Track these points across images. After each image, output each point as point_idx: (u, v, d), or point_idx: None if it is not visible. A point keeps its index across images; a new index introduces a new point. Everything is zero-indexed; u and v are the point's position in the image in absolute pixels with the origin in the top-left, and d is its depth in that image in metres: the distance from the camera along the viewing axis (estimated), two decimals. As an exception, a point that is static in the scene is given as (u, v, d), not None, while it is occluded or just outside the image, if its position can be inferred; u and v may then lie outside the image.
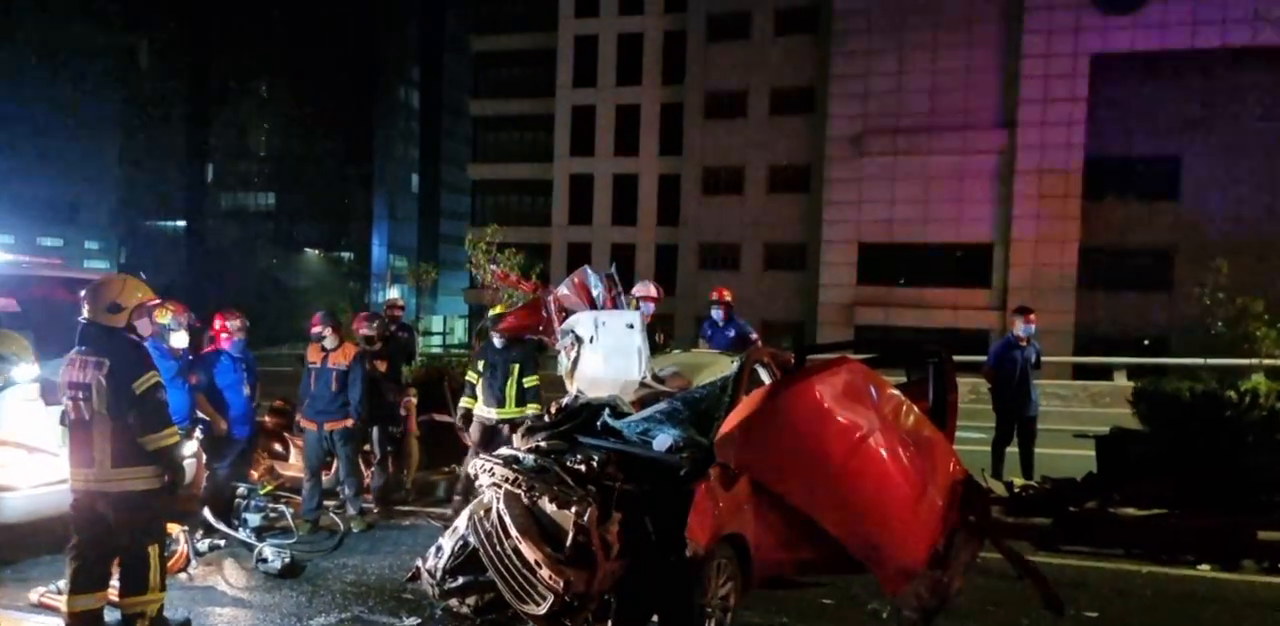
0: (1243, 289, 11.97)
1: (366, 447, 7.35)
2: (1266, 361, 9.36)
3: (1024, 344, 8.09)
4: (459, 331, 56.73)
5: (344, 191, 62.22)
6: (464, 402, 7.14)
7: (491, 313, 7.29)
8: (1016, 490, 7.38)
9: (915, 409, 4.69)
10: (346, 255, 63.53)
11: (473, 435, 7.01)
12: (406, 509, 7.37)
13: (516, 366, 6.90)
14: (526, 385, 6.91)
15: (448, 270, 47.11)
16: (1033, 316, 8.20)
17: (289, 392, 7.89)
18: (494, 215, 33.41)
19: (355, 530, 6.59)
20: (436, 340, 55.25)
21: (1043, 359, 8.40)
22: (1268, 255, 22.51)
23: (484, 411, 6.98)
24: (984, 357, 8.72)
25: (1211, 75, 25.57)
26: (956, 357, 5.78)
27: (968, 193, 27.99)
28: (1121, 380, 16.13)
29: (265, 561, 5.55)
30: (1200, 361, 13.31)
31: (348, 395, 6.71)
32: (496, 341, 6.95)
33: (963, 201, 28.10)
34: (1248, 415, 7.07)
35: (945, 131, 27.79)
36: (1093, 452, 7.66)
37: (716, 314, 8.65)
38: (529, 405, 6.87)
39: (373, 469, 7.39)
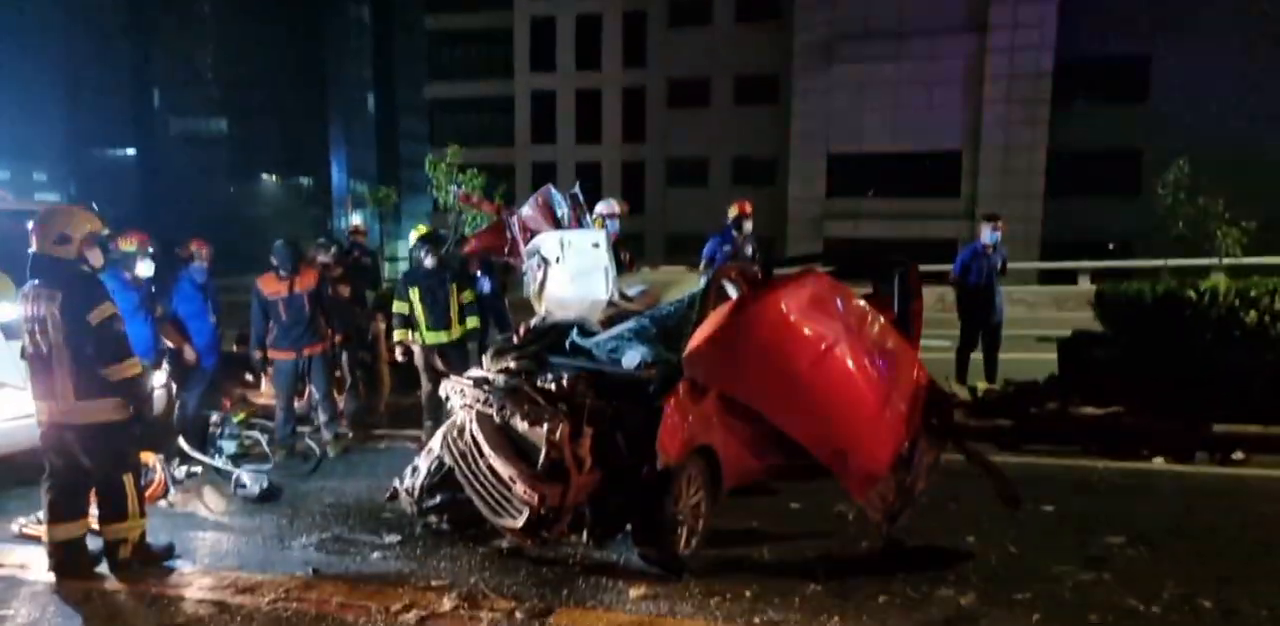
0: (1209, 191, 12.03)
1: (337, 373, 7.34)
2: (1226, 261, 9.50)
3: (990, 251, 8.16)
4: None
5: (299, 115, 59.95)
6: (397, 334, 6.99)
7: (415, 234, 7.15)
8: (980, 394, 7.59)
9: (880, 318, 4.74)
10: (305, 181, 61.83)
11: (419, 363, 6.95)
12: (380, 432, 7.45)
13: (455, 285, 6.87)
14: (465, 301, 6.91)
15: (410, 194, 46.17)
16: (999, 223, 8.24)
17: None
18: (454, 136, 32.54)
19: (331, 454, 6.67)
20: (403, 266, 54.61)
21: (1008, 265, 8.49)
22: (1236, 157, 22.61)
23: (428, 337, 6.88)
24: (947, 267, 8.80)
25: (1182, -27, 25.03)
26: (926, 267, 5.81)
27: (937, 100, 27.60)
28: (1086, 284, 16.40)
29: (244, 487, 5.62)
30: (1161, 263, 13.54)
31: (320, 318, 6.68)
32: (428, 262, 6.90)
33: (932, 108, 27.74)
34: (1207, 314, 7.23)
35: (914, 37, 27.15)
36: (1055, 356, 7.85)
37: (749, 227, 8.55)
38: (469, 320, 6.91)
39: (345, 394, 7.41)
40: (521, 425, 4.15)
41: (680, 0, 30.59)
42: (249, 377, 7.98)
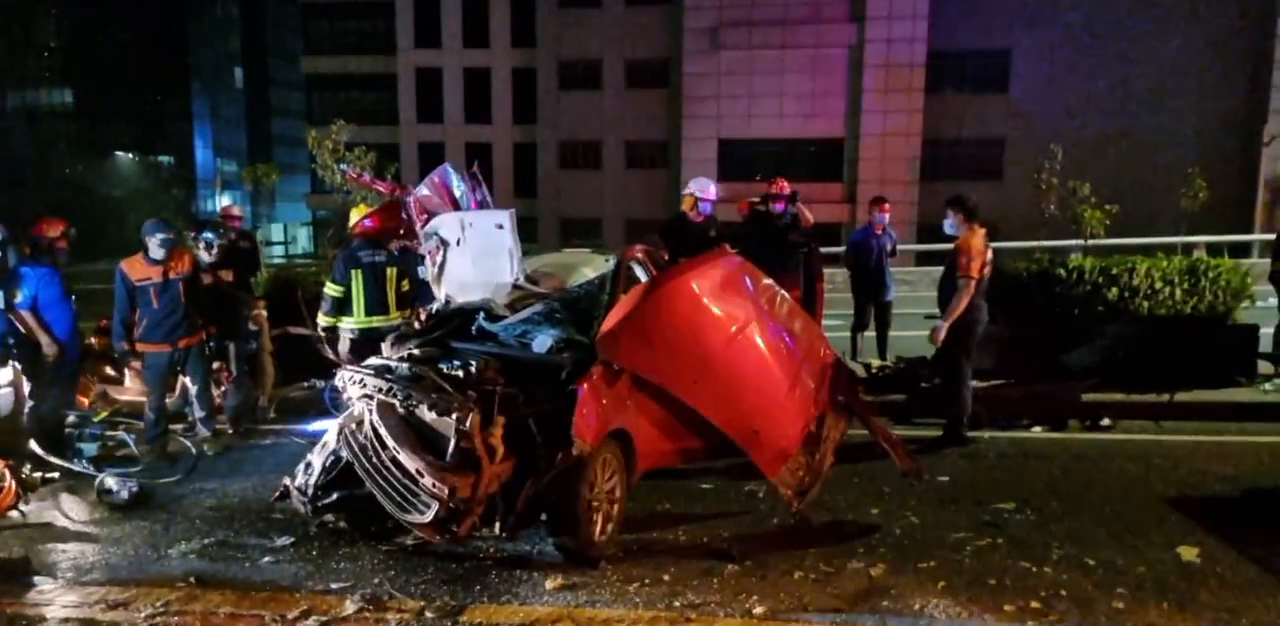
0: (1066, 175, 12.83)
1: (217, 365, 6.84)
2: (1091, 242, 10.18)
3: (880, 232, 8.38)
4: (302, 240, 53.60)
5: (156, 88, 55.69)
6: (324, 320, 6.56)
7: (355, 215, 6.72)
8: (874, 370, 7.81)
9: (788, 298, 4.76)
10: (165, 159, 57.65)
11: (343, 352, 6.50)
12: (265, 428, 7.00)
13: (393, 270, 6.46)
14: (405, 288, 6.51)
15: (286, 175, 43.85)
16: (887, 205, 8.47)
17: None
18: (333, 113, 31.09)
19: (209, 453, 6.20)
20: (278, 251, 52.04)
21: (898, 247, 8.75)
22: (1087, 143, 24.21)
23: (365, 322, 6.45)
24: (838, 250, 9.00)
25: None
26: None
27: (821, 87, 28.39)
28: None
29: (110, 492, 5.13)
30: (1033, 244, 14.39)
31: (194, 307, 6.15)
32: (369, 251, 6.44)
33: (816, 96, 28.51)
34: (1074, 290, 7.68)
35: (799, 25, 27.78)
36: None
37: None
38: (405, 310, 6.50)
39: (224, 388, 6.92)
40: (429, 415, 3.94)
41: (568, -20, 30.17)
42: (110, 372, 7.34)
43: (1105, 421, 6.69)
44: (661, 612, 3.59)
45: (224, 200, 42.26)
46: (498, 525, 4.01)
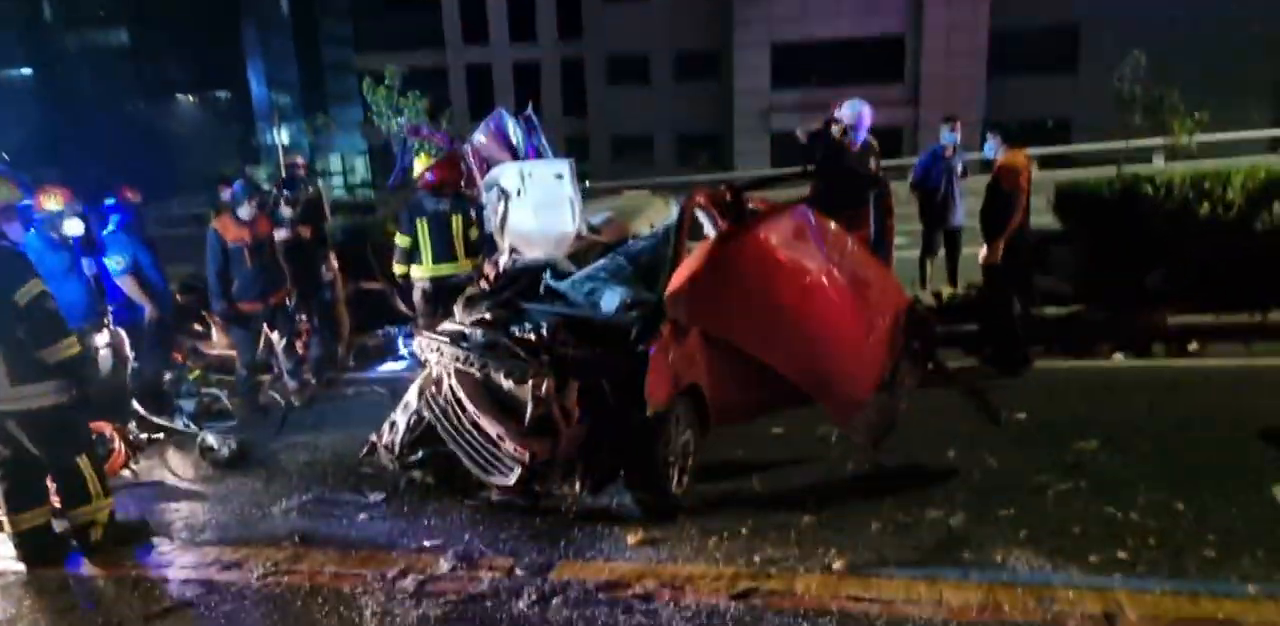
0: (1150, 77, 11.94)
1: (301, 318, 7.07)
2: (1179, 143, 9.56)
3: (949, 154, 7.98)
4: (360, 169, 53.92)
5: (207, 22, 55.49)
6: (398, 268, 6.59)
7: (419, 165, 6.65)
8: (945, 299, 7.63)
9: (859, 244, 4.62)
10: (222, 95, 58.00)
11: (416, 301, 6.57)
12: (347, 377, 7.25)
13: (459, 217, 6.38)
14: (473, 236, 6.45)
15: (338, 105, 43.85)
16: (958, 123, 8.04)
17: (193, 259, 7.40)
18: (378, 38, 30.62)
19: (297, 405, 6.47)
20: (337, 181, 52.52)
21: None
22: (1169, 37, 22.36)
23: (433, 270, 6.44)
24: (905, 162, 8.58)
25: None
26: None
27: (879, -22, 26.69)
28: (1035, 170, 16.43)
29: (211, 450, 5.42)
30: (1110, 145, 13.56)
31: (278, 265, 6.37)
32: (434, 200, 6.38)
33: (873, -11, 26.85)
34: (1163, 206, 7.26)
35: (854, -88, 25.91)
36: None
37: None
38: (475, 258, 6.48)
39: (309, 339, 7.16)
40: (505, 382, 4.01)
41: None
42: (197, 327, 7.64)
43: (1193, 346, 6.44)
44: (742, 569, 3.67)
45: (283, 135, 42.52)
46: (578, 483, 4.12)
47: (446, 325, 4.69)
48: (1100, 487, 4.23)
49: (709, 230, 5.03)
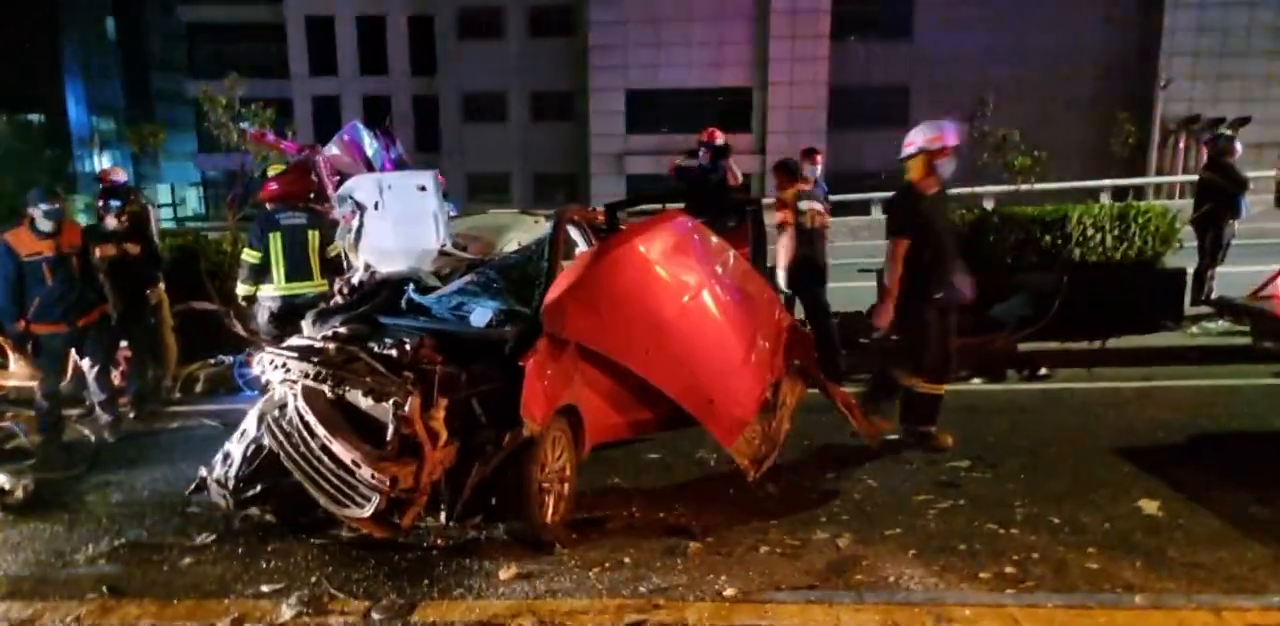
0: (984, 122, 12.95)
1: (122, 345, 6.25)
2: (1024, 187, 10.37)
3: (812, 186, 8.13)
4: (191, 201, 50.62)
5: (19, 40, 50.94)
6: (242, 289, 6.06)
7: (273, 171, 6.08)
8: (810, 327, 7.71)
9: (740, 258, 4.53)
10: (35, 117, 53.09)
11: (262, 324, 6.02)
12: (171, 410, 6.45)
13: (315, 233, 5.92)
14: (331, 254, 5.98)
15: (170, 133, 41.02)
16: (819, 157, 8.22)
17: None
18: (218, 66, 29.01)
19: (111, 440, 5.67)
20: (166, 213, 48.98)
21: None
22: (989, 91, 24.58)
23: (285, 289, 5.95)
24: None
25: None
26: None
27: (727, 35, 27.97)
28: (877, 213, 17.38)
29: (3, 491, 4.61)
30: (968, 190, 14.68)
31: (90, 281, 5.58)
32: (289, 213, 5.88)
33: (723, 44, 28.10)
34: (1004, 241, 7.69)
35: (705, -30, 27.20)
36: (874, 284, 8.09)
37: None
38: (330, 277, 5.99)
39: (124, 368, 6.33)
40: (363, 400, 3.58)
41: (465, -79, 28.65)
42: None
43: (1043, 370, 6.76)
44: (628, 599, 3.38)
45: (104, 161, 39.33)
46: (444, 513, 3.71)
47: (294, 340, 4.18)
48: (978, 505, 4.24)
49: (582, 246, 4.83)
